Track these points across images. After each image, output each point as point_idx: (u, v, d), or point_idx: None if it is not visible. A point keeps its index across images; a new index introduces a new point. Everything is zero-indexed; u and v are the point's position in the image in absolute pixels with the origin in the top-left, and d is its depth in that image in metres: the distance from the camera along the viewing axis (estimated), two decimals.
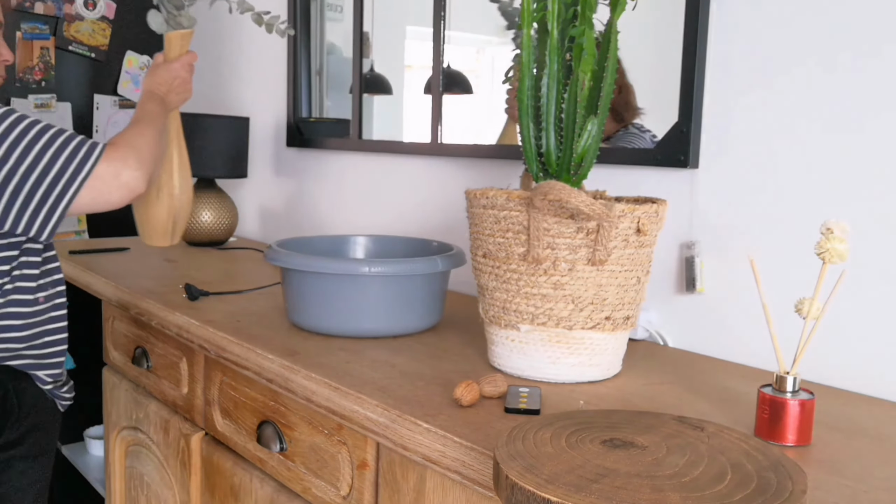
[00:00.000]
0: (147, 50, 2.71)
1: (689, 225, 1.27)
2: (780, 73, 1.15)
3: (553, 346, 1.03)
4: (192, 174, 1.43)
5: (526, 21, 1.05)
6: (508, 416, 0.91)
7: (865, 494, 0.74)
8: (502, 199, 1.02)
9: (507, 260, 1.04)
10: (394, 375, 1.06)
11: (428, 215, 1.78)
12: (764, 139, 1.17)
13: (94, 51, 2.61)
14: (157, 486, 1.57)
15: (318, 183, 2.14)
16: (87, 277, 1.73)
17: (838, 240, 0.83)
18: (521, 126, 1.08)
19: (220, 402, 1.35)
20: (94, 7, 2.58)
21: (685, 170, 1.26)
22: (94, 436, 2.16)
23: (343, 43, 2.11)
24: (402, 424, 0.91)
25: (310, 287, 1.23)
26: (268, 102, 2.32)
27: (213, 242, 2.15)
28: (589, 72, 1.03)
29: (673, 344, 1.29)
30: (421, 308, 1.26)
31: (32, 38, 2.49)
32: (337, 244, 1.50)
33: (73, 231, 2.63)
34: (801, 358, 0.86)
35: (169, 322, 1.40)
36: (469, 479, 0.83)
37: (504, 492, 0.65)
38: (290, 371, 1.09)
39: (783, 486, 0.63)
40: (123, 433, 1.72)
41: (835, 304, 1.09)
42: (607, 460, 0.68)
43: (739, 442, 0.73)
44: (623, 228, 1.00)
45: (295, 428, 1.16)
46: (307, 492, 1.14)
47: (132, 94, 2.70)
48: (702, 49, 1.22)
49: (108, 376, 1.78)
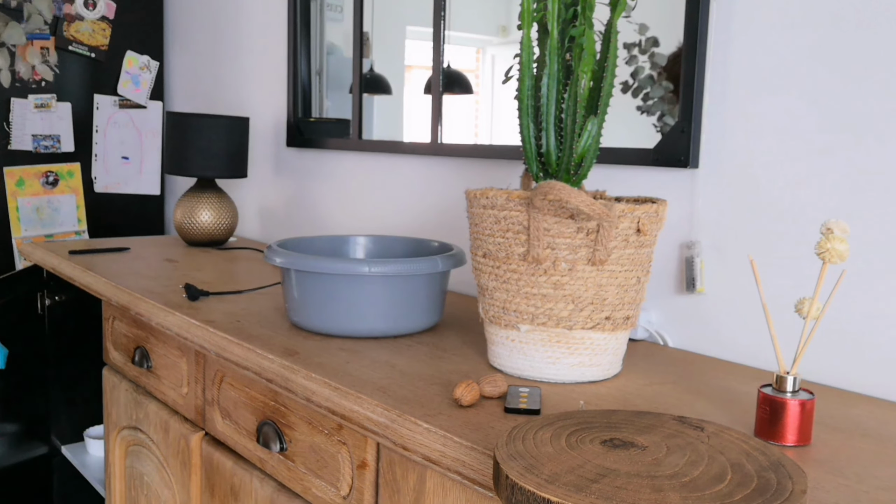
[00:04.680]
0: (147, 50, 2.72)
1: (689, 225, 1.27)
2: (780, 73, 1.15)
3: (553, 346, 1.03)
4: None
5: (526, 21, 1.05)
6: (508, 416, 0.91)
7: (865, 494, 0.74)
8: (502, 199, 1.02)
9: (507, 260, 1.04)
10: (394, 375, 1.06)
11: (428, 215, 1.78)
12: (764, 139, 1.17)
13: (94, 51, 2.61)
14: (157, 486, 1.57)
15: (318, 183, 2.14)
16: (87, 277, 1.73)
17: (838, 240, 0.83)
18: (521, 126, 1.08)
19: (220, 402, 1.35)
20: (94, 7, 2.58)
21: (685, 170, 1.26)
22: (94, 436, 2.16)
23: (343, 43, 2.11)
24: (402, 424, 0.91)
25: (310, 287, 1.23)
26: (268, 102, 2.32)
27: (213, 242, 2.15)
28: (589, 72, 1.03)
29: (673, 344, 1.29)
30: (421, 308, 1.26)
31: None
32: (337, 244, 1.50)
33: (73, 231, 2.63)
34: (801, 358, 0.86)
35: (169, 322, 1.40)
36: (469, 479, 0.83)
37: (504, 492, 0.65)
38: (290, 371, 1.09)
39: (783, 486, 0.63)
40: (123, 433, 1.72)
41: (835, 304, 1.10)
42: (607, 460, 0.68)
43: (739, 442, 0.73)
44: (623, 228, 1.00)
45: (295, 428, 1.16)
46: (307, 492, 1.14)
47: (132, 93, 2.70)
48: (702, 49, 1.22)
49: (108, 376, 1.78)
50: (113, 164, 2.69)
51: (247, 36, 2.40)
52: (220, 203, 2.13)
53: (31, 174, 2.54)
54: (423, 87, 1.79)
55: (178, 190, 2.80)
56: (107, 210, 2.69)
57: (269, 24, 2.28)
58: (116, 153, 2.69)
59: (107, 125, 2.67)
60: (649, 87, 1.32)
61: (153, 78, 2.73)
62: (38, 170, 2.55)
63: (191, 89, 2.70)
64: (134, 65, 2.69)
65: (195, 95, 2.68)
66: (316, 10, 2.14)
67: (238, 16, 2.44)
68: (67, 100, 2.58)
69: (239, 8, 2.42)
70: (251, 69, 2.39)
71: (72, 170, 2.61)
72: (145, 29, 2.72)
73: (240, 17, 2.43)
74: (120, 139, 2.69)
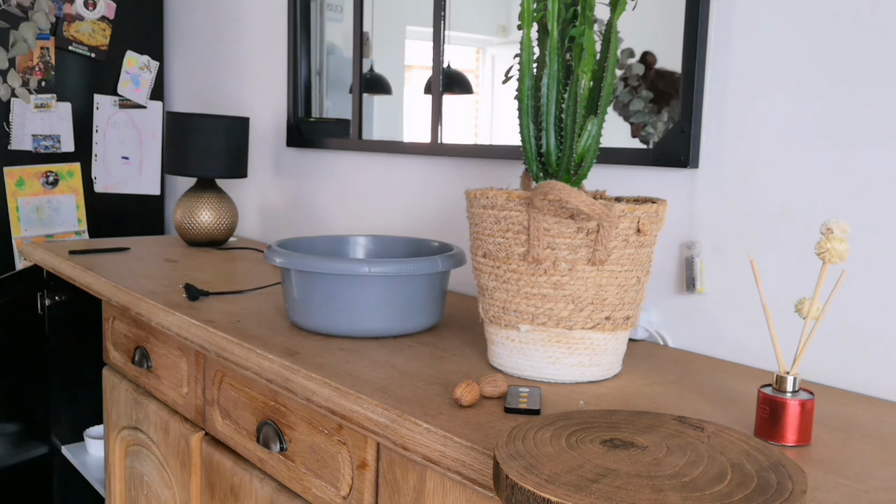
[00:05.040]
0: (147, 50, 2.72)
1: (689, 225, 1.27)
2: (780, 73, 1.15)
3: (553, 346, 1.03)
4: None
5: (526, 21, 1.05)
6: (508, 416, 0.91)
7: (865, 494, 0.74)
8: (502, 199, 1.02)
9: (507, 260, 1.04)
10: (394, 375, 1.06)
11: (428, 215, 1.78)
12: (764, 139, 1.17)
13: (94, 51, 2.61)
14: (157, 486, 1.57)
15: (318, 183, 2.14)
16: (87, 277, 1.73)
17: (838, 240, 0.83)
18: (522, 126, 1.08)
19: (220, 402, 1.35)
20: (94, 7, 2.58)
21: (685, 170, 1.26)
22: (94, 436, 2.16)
23: (343, 43, 2.11)
24: (402, 424, 0.91)
25: (310, 287, 1.23)
26: (268, 102, 2.32)
27: (213, 242, 2.15)
28: (589, 72, 1.03)
29: (673, 344, 1.29)
30: (421, 308, 1.26)
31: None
32: (337, 244, 1.50)
33: (74, 231, 2.63)
34: (801, 358, 0.86)
35: (169, 322, 1.40)
36: (469, 479, 0.83)
37: (504, 492, 0.65)
38: (290, 371, 1.09)
39: (783, 486, 0.63)
40: (123, 433, 1.72)
41: (835, 304, 1.10)
42: (607, 460, 0.68)
43: (739, 442, 0.73)
44: (623, 228, 1.00)
45: (295, 428, 1.16)
46: (307, 492, 1.14)
47: (132, 93, 2.70)
48: (702, 49, 1.22)
49: (108, 376, 1.78)
50: (113, 164, 2.69)
51: (247, 36, 2.40)
52: (220, 203, 2.13)
53: (31, 174, 2.54)
54: (423, 87, 1.79)
55: (178, 190, 2.80)
56: (107, 210, 2.69)
57: (269, 24, 2.28)
58: (116, 153, 2.69)
59: (107, 125, 2.67)
60: (628, 99, 1.33)
61: (153, 78, 2.73)
62: (38, 170, 2.55)
63: (191, 89, 2.70)
64: (134, 65, 2.69)
65: (195, 95, 2.68)
66: (316, 10, 2.14)
67: (238, 16, 2.44)
68: (67, 100, 2.58)
69: (239, 8, 2.42)
70: (251, 69, 2.39)
71: (72, 170, 2.61)
72: (145, 29, 2.72)
73: (240, 17, 2.43)
74: (120, 139, 2.69)
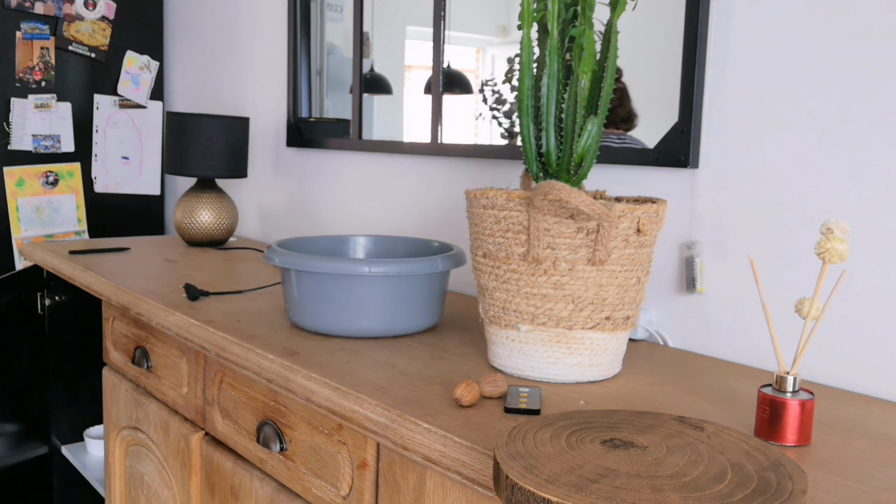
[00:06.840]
0: (147, 50, 2.72)
1: (689, 225, 1.27)
2: (780, 73, 1.15)
3: (553, 346, 1.03)
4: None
5: (526, 21, 1.05)
6: (508, 416, 0.91)
7: (865, 494, 0.74)
8: (502, 199, 1.02)
9: (507, 260, 1.04)
10: (394, 375, 1.06)
11: (428, 215, 1.78)
12: (764, 139, 1.17)
13: (94, 51, 2.61)
14: (157, 486, 1.57)
15: (318, 183, 2.14)
16: (87, 277, 1.73)
17: (838, 240, 0.82)
18: (522, 126, 1.08)
19: (220, 402, 1.35)
20: (94, 7, 2.58)
21: (685, 170, 1.26)
22: (94, 436, 2.16)
23: (343, 43, 2.11)
24: (402, 424, 0.91)
25: (310, 287, 1.23)
26: (268, 102, 2.32)
27: (213, 242, 2.15)
28: (589, 72, 1.03)
29: (673, 344, 1.29)
30: (421, 308, 1.26)
31: (32, 38, 2.49)
32: (337, 244, 1.50)
33: (74, 231, 2.63)
34: (801, 358, 0.86)
35: (169, 322, 1.40)
36: (469, 479, 0.83)
37: (504, 492, 0.65)
38: (290, 371, 1.09)
39: (783, 486, 0.63)
40: (123, 433, 1.72)
41: (835, 304, 1.10)
42: (607, 460, 0.68)
43: (739, 442, 0.73)
44: (623, 228, 1.00)
45: (295, 428, 1.16)
46: (307, 492, 1.14)
47: (132, 93, 2.70)
48: (702, 49, 1.22)
49: (108, 376, 1.78)
50: (113, 164, 2.69)
51: (247, 36, 2.40)
52: (220, 203, 2.13)
53: (31, 174, 2.54)
54: (423, 87, 1.79)
55: (178, 190, 2.80)
56: (107, 210, 2.69)
57: (270, 24, 2.28)
58: (116, 153, 2.69)
59: (107, 125, 2.67)
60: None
61: (153, 78, 2.73)
62: (38, 170, 2.55)
63: (191, 89, 2.70)
64: (134, 65, 2.69)
65: (195, 95, 2.68)
66: (316, 9, 2.14)
67: (238, 16, 2.44)
68: (67, 100, 2.58)
69: (239, 8, 2.42)
70: (251, 69, 2.39)
71: (72, 170, 2.61)
72: (145, 29, 2.72)
73: (240, 17, 2.43)
74: (120, 139, 2.69)
